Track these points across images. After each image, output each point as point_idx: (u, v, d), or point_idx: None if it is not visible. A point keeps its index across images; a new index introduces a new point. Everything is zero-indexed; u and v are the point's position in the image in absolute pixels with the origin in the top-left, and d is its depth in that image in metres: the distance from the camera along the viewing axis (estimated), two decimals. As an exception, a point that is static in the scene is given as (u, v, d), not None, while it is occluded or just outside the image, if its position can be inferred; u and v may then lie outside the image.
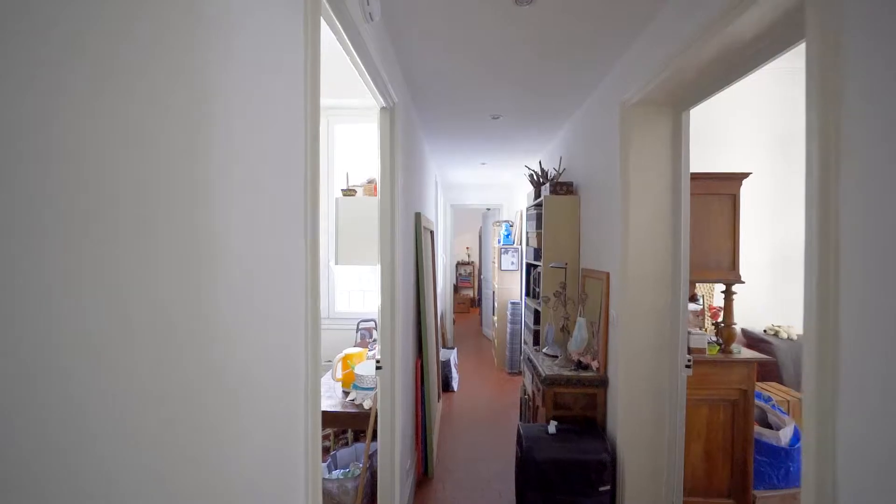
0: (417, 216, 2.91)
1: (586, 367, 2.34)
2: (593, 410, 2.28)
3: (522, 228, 5.41)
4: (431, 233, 4.00)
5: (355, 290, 3.76)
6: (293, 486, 0.92)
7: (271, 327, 0.80)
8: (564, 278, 2.70)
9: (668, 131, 1.97)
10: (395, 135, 1.91)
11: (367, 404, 2.22)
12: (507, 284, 5.61)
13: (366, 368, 2.32)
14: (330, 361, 2.73)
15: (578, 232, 2.82)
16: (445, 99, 2.73)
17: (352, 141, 3.96)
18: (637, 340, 2.01)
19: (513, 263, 5.56)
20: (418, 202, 3.26)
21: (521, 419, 3.66)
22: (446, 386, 4.63)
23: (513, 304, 5.36)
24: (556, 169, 3.13)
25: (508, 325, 5.37)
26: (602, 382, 2.25)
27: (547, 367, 2.39)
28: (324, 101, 3.78)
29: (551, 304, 2.52)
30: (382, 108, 1.87)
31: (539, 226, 3.13)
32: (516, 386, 4.90)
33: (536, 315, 3.16)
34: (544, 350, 2.66)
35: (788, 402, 2.56)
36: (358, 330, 3.81)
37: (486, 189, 6.83)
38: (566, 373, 2.29)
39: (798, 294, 0.97)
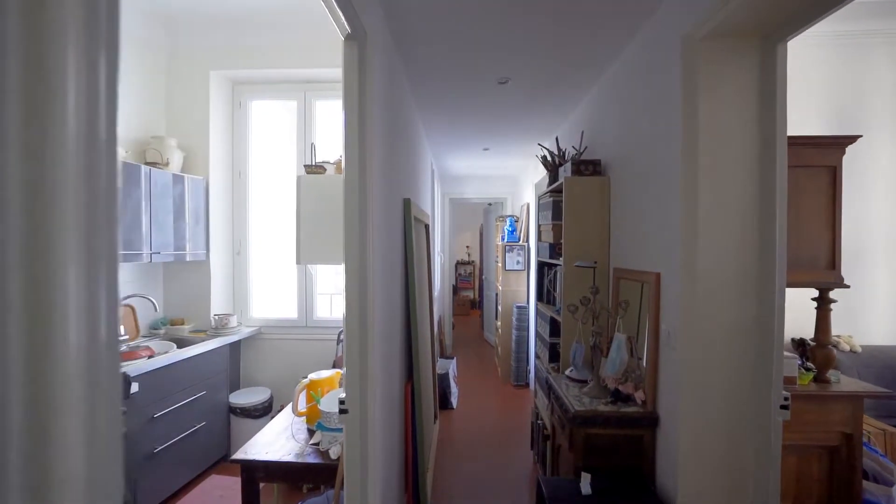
0: (407, 203, 2.33)
1: (626, 399, 1.76)
2: (638, 458, 1.71)
3: (530, 223, 4.83)
4: (426, 227, 3.43)
5: (340, 292, 3.18)
6: None
7: None
8: (593, 280, 2.12)
9: (753, 75, 1.40)
10: (366, 74, 1.33)
11: (334, 452, 1.64)
12: (512, 286, 5.03)
13: (335, 401, 1.74)
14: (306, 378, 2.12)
15: (607, 221, 2.25)
16: (442, 52, 2.14)
17: (333, 117, 3.39)
18: (707, 367, 1.44)
19: (519, 262, 4.98)
20: (409, 187, 2.68)
21: (533, 450, 3.08)
22: (444, 402, 4.06)
23: (519, 307, 4.79)
24: (577, 148, 2.56)
25: (514, 331, 4.80)
26: (650, 421, 1.68)
27: (575, 399, 1.81)
28: (301, 72, 3.22)
29: (579, 314, 1.94)
30: (347, 37, 1.29)
31: (557, 216, 2.55)
32: (524, 401, 4.33)
33: (553, 325, 2.59)
34: (567, 372, 2.09)
35: (884, 436, 1.99)
36: (339, 342, 3.24)
37: (489, 181, 6.26)
38: (603, 408, 1.72)
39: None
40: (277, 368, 3.32)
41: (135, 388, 2.22)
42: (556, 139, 2.68)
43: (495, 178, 6.20)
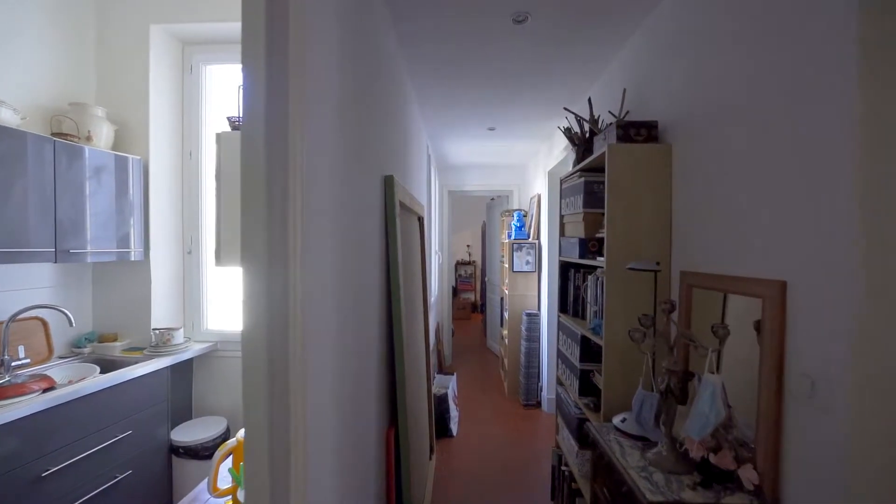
0: (389, 182, 1.70)
1: (722, 477, 1.13)
2: (747, 574, 1.07)
3: (541, 217, 4.20)
4: (420, 219, 2.79)
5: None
6: None
7: None
8: (654, 289, 1.49)
9: None
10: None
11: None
12: (520, 290, 4.39)
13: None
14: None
15: (668, 206, 1.61)
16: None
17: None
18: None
19: (528, 263, 4.34)
20: (393, 165, 2.05)
21: (554, 502, 2.45)
22: (442, 429, 3.42)
23: (529, 315, 4.15)
24: (615, 114, 1.93)
25: (523, 342, 4.17)
26: (771, 519, 1.04)
27: (639, 473, 1.17)
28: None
29: (647, 345, 1.29)
30: None
31: (591, 201, 1.92)
32: (536, 425, 3.69)
33: (585, 345, 1.96)
34: (618, 422, 1.45)
35: None
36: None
37: (493, 171, 5.62)
38: (691, 499, 1.08)
39: None
40: (238, 393, 2.68)
41: None
42: (589, 100, 2.05)
43: (500, 168, 5.56)
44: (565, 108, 2.13)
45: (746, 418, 1.18)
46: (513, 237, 4.51)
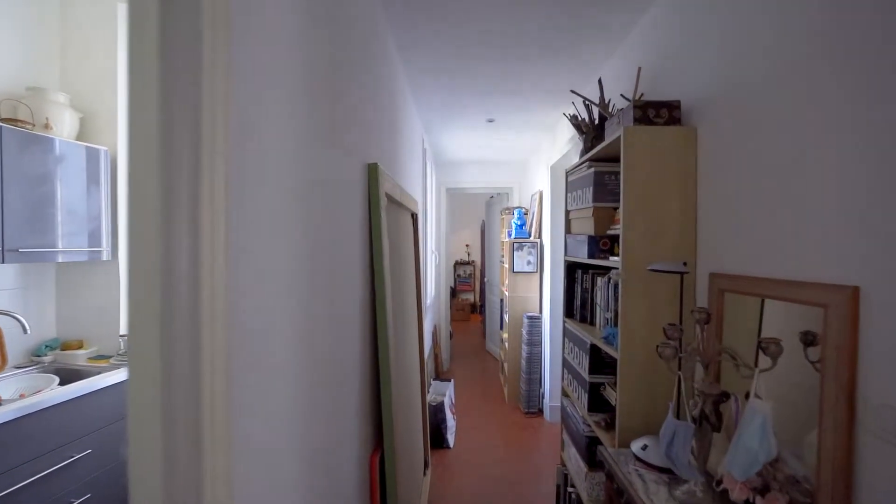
0: (373, 171, 1.50)
1: (772, 524, 0.92)
2: None
3: (543, 215, 4.00)
4: (413, 216, 2.58)
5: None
6: None
7: None
8: (681, 293, 1.28)
9: None
10: None
11: None
12: (521, 291, 4.18)
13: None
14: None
15: (694, 198, 1.40)
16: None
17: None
18: None
19: (530, 263, 4.13)
20: (380, 152, 1.84)
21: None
22: (438, 440, 3.21)
23: (531, 318, 3.94)
24: (628, 97, 1.72)
25: (524, 346, 3.96)
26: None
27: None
28: None
29: (676, 363, 1.08)
30: None
31: (601, 194, 1.72)
32: (538, 435, 3.48)
33: (595, 355, 1.75)
34: (639, 451, 1.24)
35: None
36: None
37: (492, 168, 5.41)
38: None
39: None
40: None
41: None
42: (600, 81, 1.84)
43: (500, 164, 5.35)
44: (572, 91, 1.92)
45: (793, 449, 0.97)
46: (513, 236, 4.31)
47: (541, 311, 4.08)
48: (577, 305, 2.09)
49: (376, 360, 1.53)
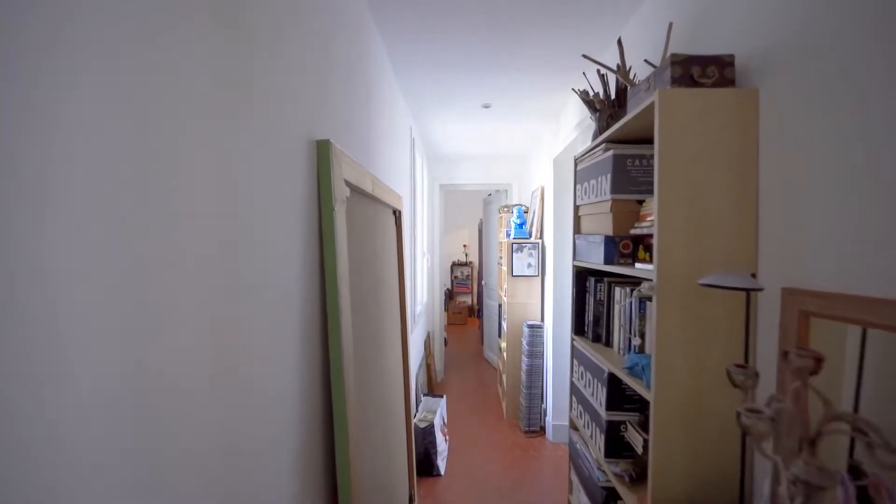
0: (323, 149, 1.13)
1: None
2: None
3: (545, 213, 3.63)
4: (396, 214, 2.22)
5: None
6: None
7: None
8: (746, 318, 0.91)
9: None
10: None
11: None
12: (521, 297, 3.81)
13: None
14: None
15: (755, 185, 1.04)
16: None
17: None
18: None
19: (530, 266, 3.76)
20: (334, 123, 1.48)
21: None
22: (427, 467, 2.85)
23: (531, 327, 3.58)
24: (654, 63, 1.35)
25: (525, 358, 3.59)
26: None
27: None
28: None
29: (771, 443, 0.69)
30: None
31: (621, 184, 1.36)
32: (538, 459, 3.12)
33: (614, 386, 1.38)
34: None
35: None
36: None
37: (489, 162, 5.05)
38: None
39: None
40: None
41: None
42: (619, 42, 1.46)
43: (498, 159, 4.99)
44: (585, 56, 1.54)
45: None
46: (512, 236, 3.94)
47: (542, 320, 3.71)
48: (588, 321, 1.72)
49: (327, 399, 1.17)
